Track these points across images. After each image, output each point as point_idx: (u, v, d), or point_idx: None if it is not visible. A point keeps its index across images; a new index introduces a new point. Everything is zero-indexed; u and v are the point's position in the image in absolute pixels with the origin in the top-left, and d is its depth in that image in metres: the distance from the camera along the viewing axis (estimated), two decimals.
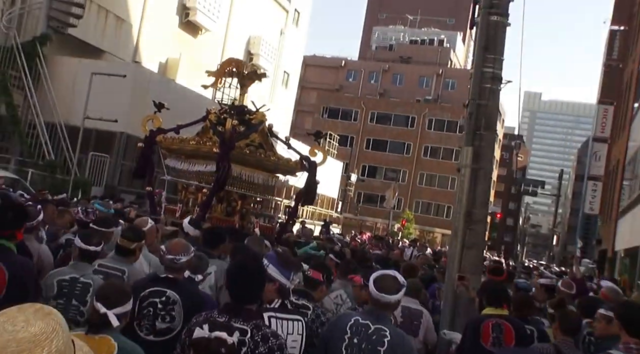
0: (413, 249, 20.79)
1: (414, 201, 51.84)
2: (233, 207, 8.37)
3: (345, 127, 52.50)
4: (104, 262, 3.99)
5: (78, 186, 15.58)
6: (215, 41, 26.27)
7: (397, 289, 3.02)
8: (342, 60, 61.59)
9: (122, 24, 21.17)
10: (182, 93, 19.64)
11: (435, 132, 52.67)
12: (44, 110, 16.59)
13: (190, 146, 8.18)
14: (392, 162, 52.90)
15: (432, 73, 58.43)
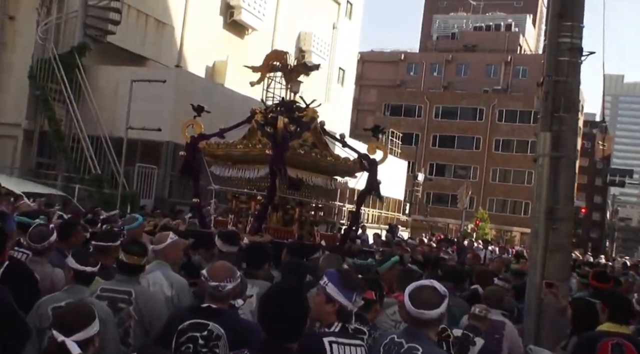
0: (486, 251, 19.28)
1: (488, 199, 49.91)
2: (290, 215, 8.02)
3: (409, 124, 50.99)
4: (107, 285, 3.72)
5: (126, 199, 15.11)
6: (264, 40, 25.56)
7: (438, 302, 2.71)
8: (401, 54, 60.16)
9: (164, 28, 20.78)
10: (229, 97, 19.00)
11: (506, 124, 50.43)
12: (86, 122, 16.29)
13: (238, 150, 7.75)
14: (462, 159, 51.12)
15: (500, 61, 56.22)
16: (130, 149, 16.09)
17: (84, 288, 3.48)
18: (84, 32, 17.33)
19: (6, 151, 16.65)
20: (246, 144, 7.78)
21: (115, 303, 3.60)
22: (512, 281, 6.75)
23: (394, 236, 18.82)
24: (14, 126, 16.67)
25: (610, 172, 37.97)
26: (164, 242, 4.39)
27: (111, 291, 3.66)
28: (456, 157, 51.39)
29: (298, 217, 8.07)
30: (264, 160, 7.38)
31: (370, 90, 56.79)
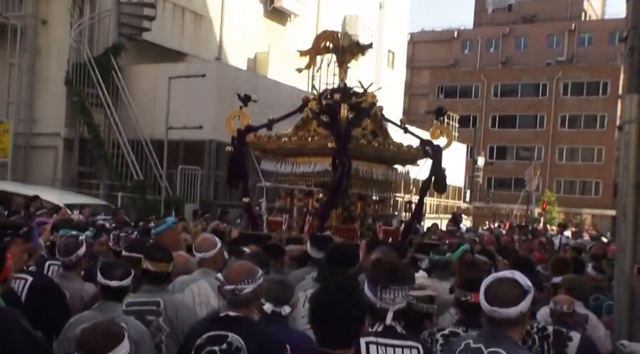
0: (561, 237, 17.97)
1: (554, 181, 47.79)
2: (351, 211, 7.69)
3: (465, 106, 49.23)
4: (134, 298, 3.51)
5: (170, 205, 14.65)
6: (307, 27, 24.73)
7: (518, 297, 2.34)
8: (454, 32, 58.13)
9: (202, 21, 20.23)
10: (273, 88, 18.28)
11: (572, 98, 48.00)
12: (126, 126, 15.90)
13: (292, 143, 7.35)
14: (525, 139, 49.01)
15: (563, 30, 53.51)
16: (172, 151, 15.62)
17: (115, 305, 3.29)
18: (118, 31, 16.92)
19: (47, 162, 16.48)
20: (302, 136, 7.35)
21: (144, 316, 3.39)
22: (606, 271, 6.23)
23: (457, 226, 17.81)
24: (54, 136, 16.46)
25: None
26: (212, 250, 4.18)
27: (138, 304, 3.46)
28: (518, 138, 49.30)
29: (360, 213, 7.71)
30: (323, 152, 7.03)
31: (422, 72, 55.25)
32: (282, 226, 7.35)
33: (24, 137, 16.53)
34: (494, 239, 11.89)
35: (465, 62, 56.37)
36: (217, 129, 16.12)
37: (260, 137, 7.64)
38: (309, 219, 7.16)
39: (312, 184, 7.51)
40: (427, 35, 58.97)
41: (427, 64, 55.86)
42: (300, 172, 7.44)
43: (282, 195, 7.94)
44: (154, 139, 15.68)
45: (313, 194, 7.47)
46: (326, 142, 6.91)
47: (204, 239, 4.46)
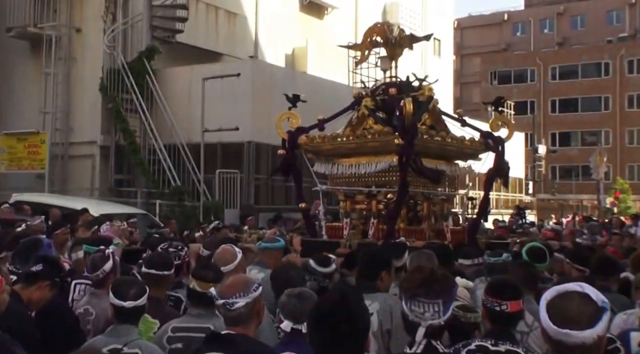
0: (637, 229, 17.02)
1: (626, 166, 45.99)
2: (416, 212, 7.61)
3: (521, 92, 47.81)
4: (180, 323, 3.30)
5: (209, 211, 14.56)
6: (345, 18, 24.39)
7: (593, 316, 1.90)
8: (503, 14, 56.75)
9: (236, 19, 20.18)
10: (313, 84, 18.01)
11: (639, 76, 45.91)
12: (162, 131, 15.94)
13: (350, 142, 7.27)
14: (589, 123, 47.24)
15: (623, 4, 51.68)
16: (210, 154, 15.53)
17: (130, 328, 3.12)
18: (151, 34, 17.02)
19: (84, 171, 16.68)
20: (360, 135, 7.25)
21: (192, 345, 3.09)
22: None
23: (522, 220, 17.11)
24: (91, 144, 16.66)
25: None
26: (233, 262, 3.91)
27: (185, 329, 3.23)
28: (582, 122, 47.47)
29: (427, 213, 7.55)
30: (384, 151, 7.01)
31: (472, 59, 54.07)
32: (342, 232, 7.17)
33: (60, 147, 16.79)
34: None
35: (518, 45, 54.97)
36: (255, 130, 15.99)
37: (313, 139, 7.53)
38: (374, 222, 7.02)
39: (373, 185, 7.31)
40: (475, 20, 57.73)
41: (477, 50, 54.65)
42: (360, 173, 7.30)
43: (340, 198, 7.76)
44: (190, 143, 15.64)
45: (376, 196, 7.26)
46: (390, 139, 6.76)
47: (222, 250, 4.20)
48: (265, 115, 16.20)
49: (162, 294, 3.87)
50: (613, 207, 33.82)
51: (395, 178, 7.08)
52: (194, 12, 18.36)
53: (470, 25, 56.78)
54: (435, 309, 2.32)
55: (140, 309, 3.20)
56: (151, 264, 3.95)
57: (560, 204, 35.84)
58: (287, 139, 7.51)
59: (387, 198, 7.27)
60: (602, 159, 29.66)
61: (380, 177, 7.28)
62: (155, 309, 3.58)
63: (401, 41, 7.92)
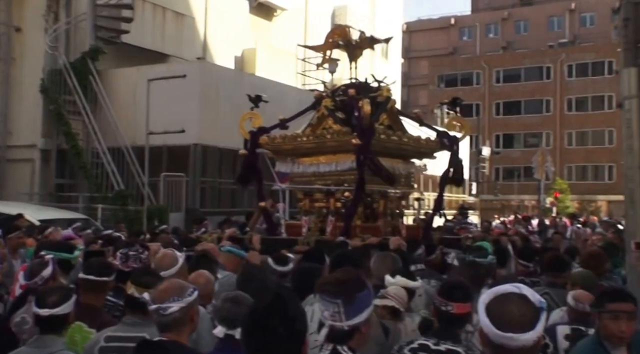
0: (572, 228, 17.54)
1: (565, 167, 46.99)
2: (372, 209, 7.73)
3: (467, 94, 48.49)
4: (114, 332, 3.10)
5: (153, 215, 14.23)
6: (295, 21, 24.32)
7: (533, 318, 1.87)
8: (450, 19, 57.61)
9: (184, 20, 19.82)
10: (260, 86, 17.68)
11: (578, 80, 47.39)
12: (106, 134, 15.50)
13: (310, 142, 7.39)
14: (531, 125, 48.36)
15: (563, 10, 53.04)
16: (156, 157, 15.16)
17: (53, 338, 2.93)
18: (95, 34, 16.51)
19: (24, 175, 16.07)
20: (320, 135, 7.35)
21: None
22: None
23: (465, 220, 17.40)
24: (30, 147, 16.05)
25: None
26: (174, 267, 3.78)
27: (119, 339, 3.03)
28: (525, 124, 48.60)
29: (383, 211, 7.70)
30: (343, 150, 7.11)
31: (420, 62, 54.74)
32: (301, 229, 7.22)
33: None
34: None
35: (464, 49, 55.85)
36: (202, 132, 15.75)
37: (274, 138, 7.65)
38: (332, 220, 7.12)
39: (332, 184, 7.43)
40: (424, 24, 58.49)
41: (425, 53, 55.38)
42: (321, 172, 7.45)
43: (300, 197, 7.89)
44: (135, 146, 15.26)
45: (334, 194, 7.39)
46: (348, 139, 6.87)
47: (163, 255, 4.05)
48: (212, 117, 15.99)
49: (99, 302, 3.69)
50: (552, 207, 34.75)
51: (354, 177, 7.18)
52: (140, 12, 17.94)
53: (419, 29, 57.45)
54: (335, 310, 2.21)
55: (61, 318, 2.99)
56: (88, 270, 3.76)
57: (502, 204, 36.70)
58: (249, 139, 7.57)
59: (345, 196, 7.36)
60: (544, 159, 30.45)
61: (339, 176, 7.38)
62: (92, 317, 3.42)
63: (361, 43, 8.11)
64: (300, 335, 2.00)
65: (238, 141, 16.38)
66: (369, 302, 2.30)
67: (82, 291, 3.63)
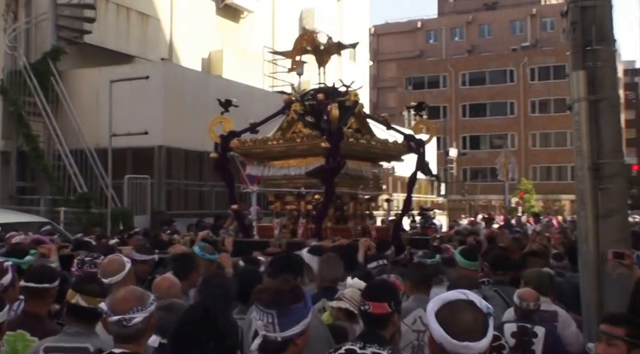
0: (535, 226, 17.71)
1: (530, 168, 47.86)
2: (342, 211, 7.83)
3: (434, 97, 49.03)
4: (53, 342, 2.93)
5: (118, 218, 13.88)
6: (262, 23, 24.11)
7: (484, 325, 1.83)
8: (417, 22, 58.09)
9: (148, 21, 19.44)
10: (226, 88, 17.56)
11: (541, 83, 48.21)
12: (68, 135, 15.07)
13: (280, 145, 7.47)
14: (497, 127, 49.10)
15: (525, 15, 54.04)
16: (120, 160, 14.81)
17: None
18: (56, 35, 16.03)
19: None
20: (290, 138, 7.46)
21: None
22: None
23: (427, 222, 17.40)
24: None
25: None
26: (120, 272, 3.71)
27: (60, 349, 2.89)
28: (490, 126, 49.31)
29: (353, 212, 7.85)
30: (313, 153, 7.21)
31: (388, 65, 55.05)
32: (273, 231, 7.32)
33: None
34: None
35: (431, 52, 56.42)
36: (167, 134, 15.43)
37: (245, 142, 7.66)
38: (303, 222, 7.20)
39: (302, 187, 7.50)
40: (391, 27, 58.86)
41: (393, 56, 55.72)
42: (290, 175, 7.51)
43: (271, 199, 7.98)
44: (99, 148, 14.85)
45: (304, 197, 7.47)
46: (317, 143, 6.97)
47: (109, 261, 3.90)
48: (177, 119, 15.68)
49: (42, 309, 3.52)
50: (518, 207, 35.18)
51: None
52: (104, 12, 17.55)
53: (387, 32, 57.76)
54: (268, 321, 2.13)
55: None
56: (29, 277, 3.59)
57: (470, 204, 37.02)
58: (220, 143, 7.57)
59: (315, 199, 7.44)
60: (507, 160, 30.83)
61: (309, 179, 7.43)
62: (35, 325, 3.26)
63: (329, 49, 8.14)
64: (230, 350, 1.94)
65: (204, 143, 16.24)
66: (305, 314, 2.21)
67: (27, 299, 3.51)
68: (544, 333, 3.80)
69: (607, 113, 4.17)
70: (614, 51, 4.38)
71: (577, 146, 4.14)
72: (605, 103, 4.16)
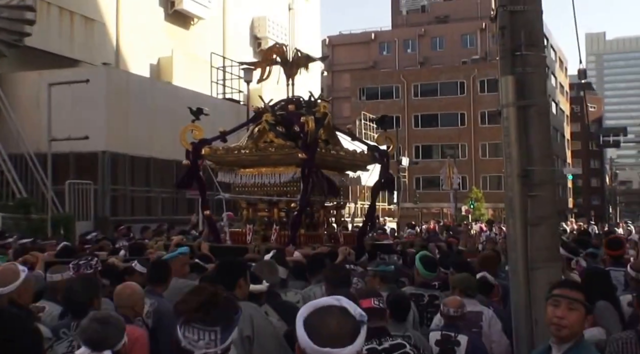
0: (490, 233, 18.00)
1: (481, 177, 48.55)
2: (314, 219, 8.04)
3: (387, 107, 49.49)
4: None
5: (59, 223, 13.46)
6: (212, 30, 23.96)
7: (353, 331, 1.74)
8: (371, 33, 58.67)
9: (93, 25, 19.06)
10: (173, 94, 17.41)
11: (490, 95, 49.06)
12: (7, 140, 14.60)
13: (253, 154, 7.65)
14: (448, 137, 49.71)
15: (475, 29, 55.05)
16: (62, 165, 14.44)
17: None
18: None
19: None
20: (263, 148, 7.63)
21: None
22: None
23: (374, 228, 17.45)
24: None
25: (603, 133, 36.86)
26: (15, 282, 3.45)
27: None
28: (442, 136, 49.97)
29: (323, 220, 8.12)
30: (285, 163, 7.43)
31: (342, 75, 55.38)
32: (246, 237, 7.54)
33: None
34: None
35: (384, 63, 56.89)
36: (111, 139, 15.12)
37: (217, 150, 7.80)
38: (276, 228, 7.41)
39: (274, 194, 7.70)
40: (346, 39, 59.30)
41: (347, 67, 56.07)
42: (263, 183, 7.66)
43: (242, 206, 8.08)
44: (39, 153, 14.45)
45: (277, 204, 7.66)
46: (293, 153, 7.21)
47: (3, 269, 3.67)
48: (122, 124, 15.40)
49: None
50: (468, 215, 35.80)
51: (296, 188, 7.54)
52: (45, 15, 17.13)
53: (341, 42, 58.17)
54: (211, 338, 2.04)
55: None
56: None
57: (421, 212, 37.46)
58: (192, 150, 7.72)
59: (287, 206, 7.67)
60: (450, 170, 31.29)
61: (281, 187, 7.65)
62: None
63: (298, 61, 8.33)
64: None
65: (150, 149, 16.06)
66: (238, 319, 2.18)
67: None
68: (466, 341, 3.85)
69: (537, 119, 4.11)
70: (544, 57, 4.33)
71: (506, 152, 4.07)
72: (535, 109, 4.09)
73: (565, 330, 2.73)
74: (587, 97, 74.50)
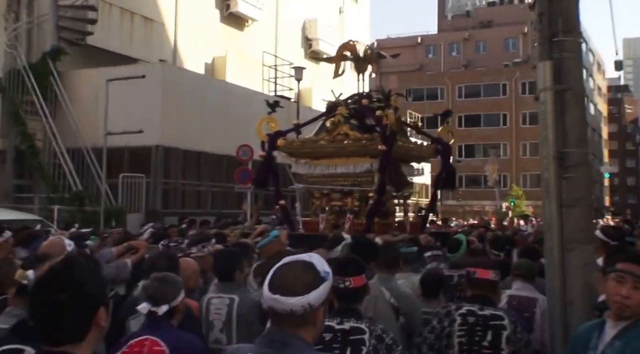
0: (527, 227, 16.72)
1: (521, 175, 46.56)
2: (386, 207, 7.76)
3: (432, 108, 47.47)
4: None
5: (111, 215, 12.59)
6: (266, 31, 22.85)
7: (309, 284, 1.65)
8: (417, 37, 56.79)
9: (153, 26, 18.20)
10: (226, 91, 16.38)
11: (531, 97, 46.41)
12: (66, 135, 13.82)
13: (329, 146, 7.34)
14: (490, 137, 47.81)
15: (517, 33, 52.68)
16: (117, 159, 13.56)
17: None
18: (57, 35, 14.83)
19: None
20: (338, 140, 7.35)
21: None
22: None
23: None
24: None
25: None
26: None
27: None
28: (484, 136, 48.03)
29: (392, 208, 7.98)
30: (361, 154, 7.19)
31: (390, 77, 53.73)
32: (317, 226, 7.27)
33: None
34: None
35: (429, 66, 55.15)
36: (165, 133, 14.17)
37: (292, 142, 7.59)
38: (350, 217, 7.11)
39: (348, 184, 7.43)
40: (393, 42, 57.64)
41: (394, 69, 54.40)
42: (339, 173, 7.42)
43: (316, 196, 7.79)
44: (96, 147, 13.58)
45: (352, 194, 7.40)
46: (367, 144, 6.99)
47: (49, 243, 3.67)
48: (176, 119, 14.42)
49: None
50: (508, 211, 33.91)
51: (370, 178, 7.21)
52: (106, 15, 16.31)
53: (389, 46, 56.33)
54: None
55: None
56: None
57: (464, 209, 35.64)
58: (267, 142, 7.54)
59: (362, 196, 7.32)
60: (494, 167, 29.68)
61: (355, 178, 7.37)
62: None
63: (369, 58, 8.06)
64: (88, 304, 1.58)
65: (202, 143, 15.03)
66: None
67: None
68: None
69: (572, 103, 3.90)
70: (580, 43, 4.06)
71: (542, 135, 3.87)
72: (571, 93, 3.87)
73: (628, 310, 2.36)
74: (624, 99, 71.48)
